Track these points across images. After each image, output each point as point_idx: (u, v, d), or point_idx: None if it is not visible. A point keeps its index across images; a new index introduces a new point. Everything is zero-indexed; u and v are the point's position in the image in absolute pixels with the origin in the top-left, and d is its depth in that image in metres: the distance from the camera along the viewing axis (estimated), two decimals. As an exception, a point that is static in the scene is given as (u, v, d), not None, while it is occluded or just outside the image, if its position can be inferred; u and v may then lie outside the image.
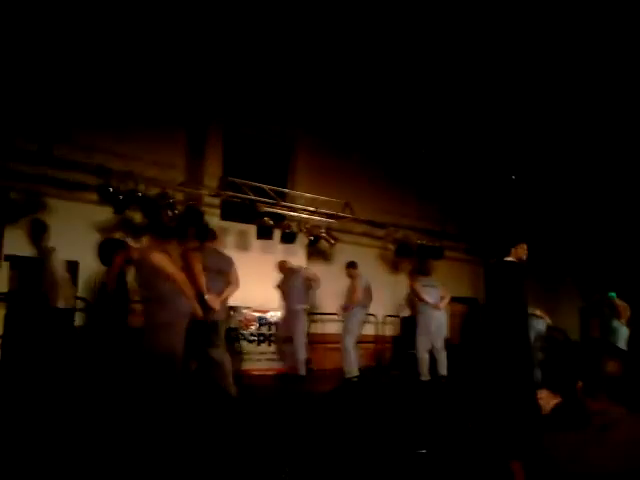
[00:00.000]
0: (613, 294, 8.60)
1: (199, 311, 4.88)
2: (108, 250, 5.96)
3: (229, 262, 5.95)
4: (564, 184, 11.48)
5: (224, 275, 5.82)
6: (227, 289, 5.81)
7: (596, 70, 7.74)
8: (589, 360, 2.10)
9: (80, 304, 6.94)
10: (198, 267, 5.45)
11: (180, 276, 4.67)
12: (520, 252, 5.86)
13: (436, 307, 7.78)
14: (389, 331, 10.42)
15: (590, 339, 7.72)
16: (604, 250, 11.88)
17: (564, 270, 12.53)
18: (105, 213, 7.39)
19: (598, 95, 8.33)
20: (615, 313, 7.70)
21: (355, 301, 7.61)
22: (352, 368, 7.61)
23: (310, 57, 7.93)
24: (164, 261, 4.56)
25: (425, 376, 7.71)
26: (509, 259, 5.53)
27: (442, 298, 7.90)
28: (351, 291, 7.71)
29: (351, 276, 7.79)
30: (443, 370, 7.85)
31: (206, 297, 5.35)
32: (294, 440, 4.20)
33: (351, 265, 7.86)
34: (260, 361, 8.47)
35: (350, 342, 7.62)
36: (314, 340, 8.97)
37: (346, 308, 7.75)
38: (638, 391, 2.05)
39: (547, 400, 2.44)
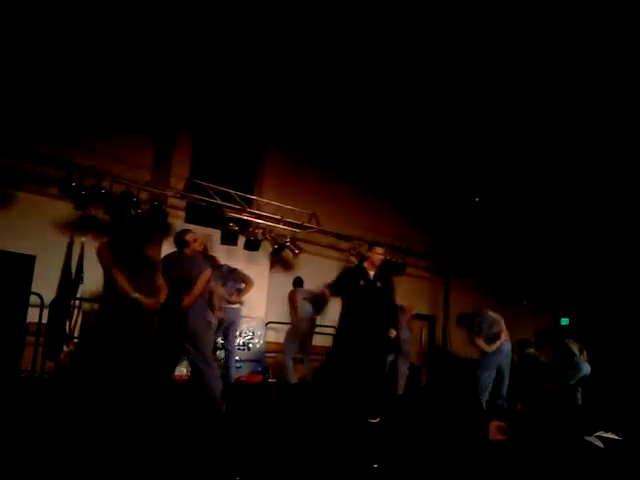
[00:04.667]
0: (565, 320, 8.83)
1: None
2: None
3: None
4: (527, 210, 11.81)
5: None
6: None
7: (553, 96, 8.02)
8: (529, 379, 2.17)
9: (35, 299, 6.78)
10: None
11: None
12: (373, 257, 5.70)
13: None
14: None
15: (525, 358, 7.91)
16: (561, 275, 12.22)
17: (522, 293, 12.82)
18: (65, 208, 7.25)
19: (558, 118, 8.62)
20: (576, 351, 7.94)
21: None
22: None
23: (286, 68, 7.99)
24: None
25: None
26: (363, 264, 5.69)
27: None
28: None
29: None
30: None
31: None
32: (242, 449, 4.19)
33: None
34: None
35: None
36: (270, 350, 8.98)
37: None
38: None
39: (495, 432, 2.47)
